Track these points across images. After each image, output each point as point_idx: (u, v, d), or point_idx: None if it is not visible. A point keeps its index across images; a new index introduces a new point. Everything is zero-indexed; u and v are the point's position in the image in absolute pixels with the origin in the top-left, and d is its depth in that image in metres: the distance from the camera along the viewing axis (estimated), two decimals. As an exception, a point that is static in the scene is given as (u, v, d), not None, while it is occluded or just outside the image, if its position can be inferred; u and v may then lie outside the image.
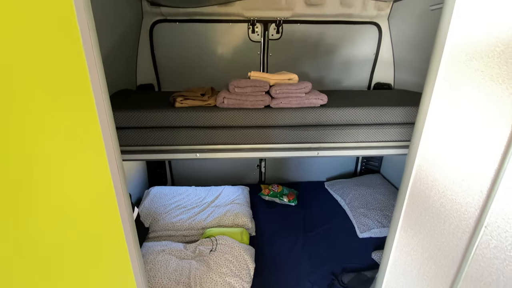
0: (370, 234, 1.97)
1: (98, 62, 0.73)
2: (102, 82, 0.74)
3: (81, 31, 0.62)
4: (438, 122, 0.66)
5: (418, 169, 0.70)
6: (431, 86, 0.67)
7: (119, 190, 0.82)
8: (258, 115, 1.41)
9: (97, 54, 0.72)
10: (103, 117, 0.74)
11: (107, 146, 0.75)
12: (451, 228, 0.59)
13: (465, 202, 0.55)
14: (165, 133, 1.39)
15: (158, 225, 1.90)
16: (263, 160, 2.78)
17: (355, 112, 1.43)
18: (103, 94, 0.74)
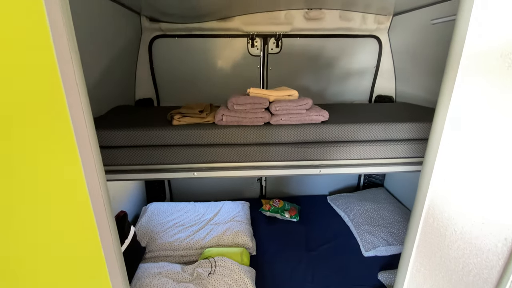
0: (375, 253, 1.89)
1: (81, 86, 0.69)
2: (85, 105, 0.71)
3: (56, 50, 0.59)
4: (453, 152, 0.62)
5: (430, 204, 0.65)
6: (444, 111, 0.62)
7: (102, 218, 0.77)
8: (258, 132, 1.37)
9: (78, 75, 0.68)
10: (84, 139, 0.70)
11: (87, 167, 0.72)
12: (471, 276, 0.53)
13: (487, 249, 0.50)
14: (162, 151, 1.35)
15: (155, 245, 1.83)
16: (263, 173, 2.72)
17: (358, 128, 1.39)
18: (85, 117, 0.71)
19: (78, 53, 0.68)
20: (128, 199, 2.19)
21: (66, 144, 0.67)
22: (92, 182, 0.75)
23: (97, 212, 0.77)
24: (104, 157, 1.32)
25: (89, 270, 0.79)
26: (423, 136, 1.41)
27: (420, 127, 1.40)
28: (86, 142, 0.74)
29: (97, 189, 0.79)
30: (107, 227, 0.83)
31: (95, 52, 1.56)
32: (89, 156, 0.75)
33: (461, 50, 0.59)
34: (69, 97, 0.65)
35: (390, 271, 1.70)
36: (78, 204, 0.72)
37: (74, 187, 0.71)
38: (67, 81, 0.63)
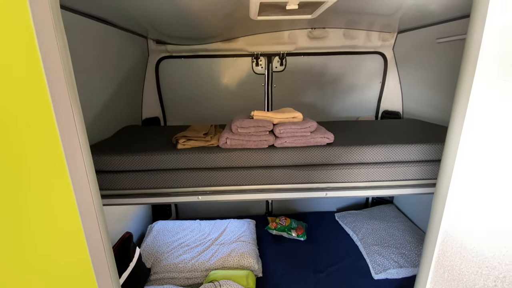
0: (386, 275, 1.82)
1: (77, 114, 0.69)
2: (81, 132, 0.71)
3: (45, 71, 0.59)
4: (469, 176, 0.59)
5: (445, 232, 0.61)
6: (457, 131, 0.60)
7: (97, 249, 0.76)
8: (262, 155, 1.36)
9: (73, 100, 0.69)
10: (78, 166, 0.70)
11: (81, 196, 0.71)
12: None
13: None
14: (167, 175, 1.35)
15: (160, 266, 1.81)
16: (269, 190, 2.69)
17: (364, 150, 1.36)
18: (81, 143, 0.71)
19: (73, 78, 0.69)
20: (134, 217, 2.19)
21: (57, 172, 0.67)
22: (86, 211, 0.74)
23: (92, 244, 0.75)
24: (108, 182, 1.35)
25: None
26: (433, 157, 1.37)
27: (429, 148, 1.36)
28: (81, 167, 0.74)
29: (92, 218, 0.78)
30: (104, 259, 0.81)
31: (104, 77, 1.60)
32: (83, 182, 0.74)
33: (473, 70, 0.57)
34: (62, 126, 0.65)
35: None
36: (70, 235, 0.71)
37: (65, 217, 0.70)
38: (59, 107, 0.64)
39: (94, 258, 0.76)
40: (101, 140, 1.59)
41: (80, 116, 0.73)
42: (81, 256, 0.74)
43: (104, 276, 0.82)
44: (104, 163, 1.32)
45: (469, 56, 0.64)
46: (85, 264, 0.75)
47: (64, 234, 0.71)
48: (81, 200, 0.73)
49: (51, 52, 0.61)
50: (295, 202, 2.77)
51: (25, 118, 0.61)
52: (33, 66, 0.61)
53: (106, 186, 1.34)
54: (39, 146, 0.64)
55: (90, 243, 0.76)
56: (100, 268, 0.77)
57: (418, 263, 1.84)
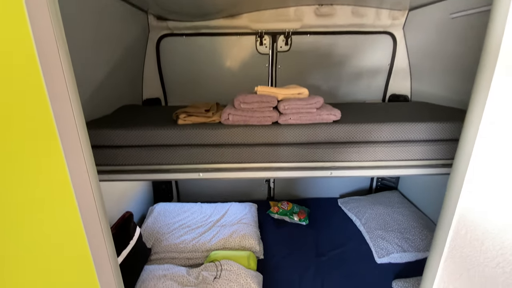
0: (389, 260, 1.80)
1: (71, 85, 0.65)
2: (75, 103, 0.67)
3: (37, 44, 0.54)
4: (490, 155, 0.54)
5: (462, 212, 0.57)
6: (479, 107, 0.55)
7: (93, 225, 0.72)
8: (266, 132, 1.31)
9: (67, 72, 0.64)
10: (72, 139, 0.66)
11: (75, 168, 0.67)
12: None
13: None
14: (167, 151, 1.31)
15: (161, 246, 1.80)
16: (272, 175, 2.66)
17: (372, 128, 1.31)
18: (75, 115, 0.67)
19: (67, 49, 0.64)
20: (135, 199, 2.17)
21: (50, 143, 0.63)
22: (81, 185, 0.71)
23: (87, 218, 0.72)
24: (106, 157, 1.31)
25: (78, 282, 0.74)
26: (444, 137, 1.32)
27: (440, 127, 1.31)
28: (76, 142, 0.70)
29: (88, 193, 0.74)
30: (100, 234, 0.77)
31: (101, 51, 1.54)
32: (78, 157, 0.70)
33: (499, 41, 0.51)
34: (54, 99, 0.61)
35: (405, 280, 1.61)
36: (65, 209, 0.67)
37: (60, 191, 0.67)
38: (51, 77, 0.59)
39: (89, 233, 0.73)
40: (99, 117, 1.55)
41: (74, 86, 0.69)
42: (75, 230, 0.71)
43: (101, 253, 0.78)
44: (101, 138, 1.28)
45: (495, 28, 0.57)
46: (80, 239, 0.72)
47: (57, 208, 0.67)
48: (75, 173, 0.69)
49: (42, 19, 0.56)
50: (297, 187, 2.74)
51: (14, 86, 0.57)
52: (22, 33, 0.56)
53: (103, 162, 1.31)
54: (29, 117, 0.60)
55: (84, 217, 0.73)
56: (95, 243, 0.74)
57: (422, 248, 1.81)
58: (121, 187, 1.96)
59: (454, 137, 1.32)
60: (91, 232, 0.72)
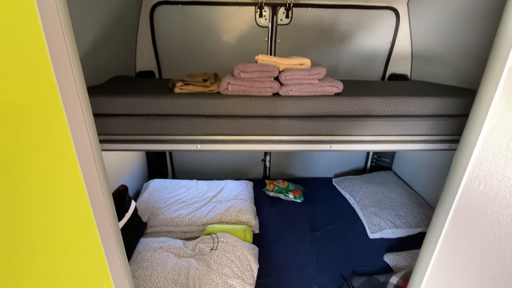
0: (381, 235, 1.85)
1: (71, 48, 0.60)
2: (76, 68, 0.62)
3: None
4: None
5: (476, 163, 0.56)
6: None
7: (96, 191, 0.70)
8: (266, 103, 1.27)
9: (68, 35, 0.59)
10: (74, 105, 0.62)
11: (78, 136, 0.64)
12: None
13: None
14: (163, 121, 1.27)
15: (157, 220, 1.80)
16: (268, 154, 2.65)
17: (374, 102, 1.29)
18: (76, 81, 0.62)
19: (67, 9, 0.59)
20: (129, 175, 2.14)
21: (53, 111, 0.59)
22: (84, 152, 0.68)
23: (91, 184, 0.70)
24: (100, 126, 1.26)
25: (82, 245, 0.73)
26: (446, 112, 1.31)
27: (443, 102, 1.29)
28: (78, 108, 0.66)
29: (90, 160, 0.72)
30: (102, 200, 0.76)
31: (90, 17, 1.44)
32: (80, 124, 0.67)
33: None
34: (56, 61, 0.56)
35: (397, 253, 1.66)
36: (68, 176, 0.65)
37: (63, 158, 0.64)
38: (53, 42, 0.54)
39: (93, 199, 0.71)
40: (89, 86, 1.47)
41: (74, 46, 0.64)
42: (79, 197, 0.69)
43: (104, 221, 0.78)
44: (94, 106, 1.22)
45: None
46: (83, 204, 0.70)
47: (62, 175, 0.65)
48: (78, 139, 0.66)
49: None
50: (293, 167, 2.75)
51: (15, 48, 0.52)
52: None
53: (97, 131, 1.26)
54: (33, 82, 0.56)
55: (88, 183, 0.70)
56: (98, 208, 0.73)
57: (413, 224, 1.87)
58: (115, 161, 1.91)
59: (457, 112, 1.31)
60: (95, 197, 0.70)
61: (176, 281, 1.32)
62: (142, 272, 1.36)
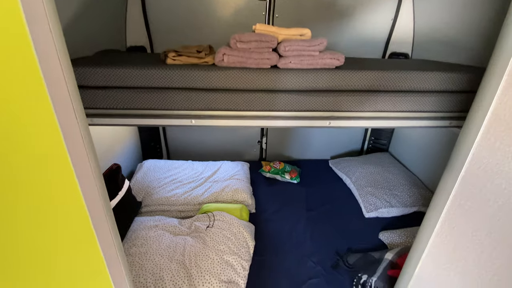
0: (377, 214, 1.86)
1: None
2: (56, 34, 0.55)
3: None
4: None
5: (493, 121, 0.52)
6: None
7: (84, 168, 0.65)
8: (263, 76, 1.21)
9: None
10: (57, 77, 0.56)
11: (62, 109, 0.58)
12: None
13: None
14: (155, 94, 1.20)
15: (151, 199, 1.77)
16: (264, 135, 2.61)
17: (376, 76, 1.24)
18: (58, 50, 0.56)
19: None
20: (122, 155, 2.09)
21: (32, 81, 0.53)
22: (69, 126, 0.62)
23: (77, 161, 0.64)
24: (88, 99, 1.19)
25: (71, 225, 0.68)
26: (451, 88, 1.27)
27: (447, 77, 1.25)
28: (59, 78, 0.60)
29: (76, 134, 0.66)
30: (91, 177, 0.71)
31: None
32: (63, 95, 0.61)
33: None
34: (33, 23, 0.49)
35: (392, 231, 1.67)
36: (52, 152, 0.59)
37: (45, 133, 0.58)
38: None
39: (81, 177, 0.65)
40: (75, 58, 1.38)
41: (54, 12, 0.56)
42: (66, 175, 0.63)
43: (93, 197, 0.72)
44: (81, 77, 1.15)
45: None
46: (72, 186, 0.65)
47: (46, 152, 0.59)
48: (62, 114, 0.59)
49: None
50: (289, 149, 2.72)
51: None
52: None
53: (84, 104, 1.19)
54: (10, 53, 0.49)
55: (75, 161, 0.65)
56: (87, 187, 0.67)
57: (409, 204, 1.88)
58: (106, 139, 1.85)
59: (461, 88, 1.28)
60: (83, 176, 0.65)
61: (171, 257, 1.31)
62: (137, 249, 1.34)
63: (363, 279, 1.38)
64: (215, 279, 1.21)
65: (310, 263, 1.51)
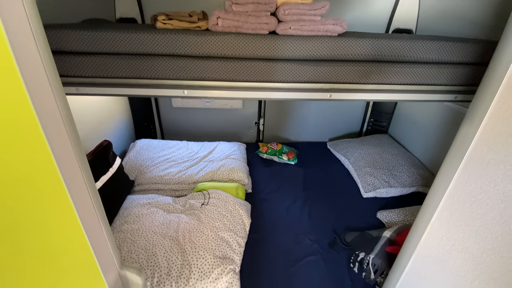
0: (375, 194, 1.83)
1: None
2: None
3: None
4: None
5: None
6: None
7: (60, 138, 0.57)
8: (260, 43, 1.13)
9: None
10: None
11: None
12: None
13: None
14: (144, 61, 1.12)
15: (145, 178, 1.72)
16: (261, 116, 2.54)
17: (382, 44, 1.16)
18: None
19: None
20: (114, 135, 2.01)
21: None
22: (41, 95, 0.54)
23: (52, 132, 0.56)
24: (73, 67, 1.10)
25: (49, 203, 0.59)
26: (462, 59, 1.20)
27: (453, 47, 1.18)
28: (29, 40, 0.51)
29: (50, 103, 0.58)
30: (71, 150, 0.62)
31: None
32: (34, 60, 0.53)
33: None
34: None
35: (390, 210, 1.65)
36: (22, 122, 0.51)
37: (13, 102, 0.49)
38: None
39: (58, 156, 0.57)
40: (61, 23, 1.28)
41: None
42: (40, 151, 0.54)
43: (75, 176, 0.63)
44: (65, 41, 1.06)
45: None
46: (47, 160, 0.56)
47: (17, 127, 0.50)
48: (32, 80, 0.51)
49: None
50: (287, 130, 2.66)
51: None
52: None
53: (68, 72, 1.11)
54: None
55: (50, 134, 0.56)
56: (67, 166, 0.58)
57: (408, 184, 1.85)
58: (95, 115, 1.77)
59: (470, 60, 1.21)
60: (60, 154, 0.56)
61: (165, 234, 1.27)
62: (129, 226, 1.30)
63: (361, 256, 1.36)
64: (209, 254, 1.18)
65: (307, 241, 1.48)
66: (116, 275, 0.68)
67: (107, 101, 1.94)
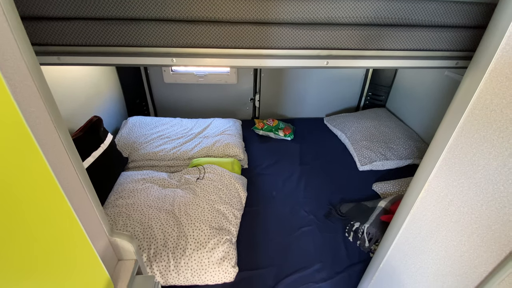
0: (371, 167, 1.83)
1: None
2: None
3: None
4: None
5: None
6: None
7: (37, 111, 0.50)
8: (253, 4, 1.05)
9: None
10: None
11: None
12: None
13: None
14: (129, 27, 1.04)
15: (138, 155, 1.69)
16: (257, 92, 2.48)
17: (385, 6, 1.09)
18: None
19: None
20: (105, 112, 1.95)
21: None
22: (11, 63, 0.47)
23: (26, 105, 0.48)
24: (53, 34, 1.02)
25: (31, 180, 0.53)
26: (465, 22, 1.14)
27: (464, 9, 1.11)
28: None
29: (23, 72, 0.51)
30: (52, 128, 0.54)
31: None
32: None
33: None
34: None
35: (385, 182, 1.66)
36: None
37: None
38: None
39: (37, 132, 0.50)
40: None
41: None
42: (15, 127, 0.48)
43: (58, 154, 0.56)
44: (42, 5, 0.97)
45: None
46: (24, 136, 0.49)
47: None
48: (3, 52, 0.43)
49: None
50: (283, 106, 2.61)
51: None
52: None
53: (48, 40, 1.03)
54: None
55: (24, 107, 0.49)
56: (48, 142, 0.52)
57: (404, 156, 1.84)
58: (83, 91, 1.70)
59: (472, 23, 1.14)
60: (40, 130, 0.50)
61: (160, 208, 1.27)
62: (123, 201, 1.29)
63: (356, 226, 1.38)
64: (205, 225, 1.18)
65: (303, 212, 1.50)
66: (106, 242, 0.67)
67: (93, 75, 1.85)
